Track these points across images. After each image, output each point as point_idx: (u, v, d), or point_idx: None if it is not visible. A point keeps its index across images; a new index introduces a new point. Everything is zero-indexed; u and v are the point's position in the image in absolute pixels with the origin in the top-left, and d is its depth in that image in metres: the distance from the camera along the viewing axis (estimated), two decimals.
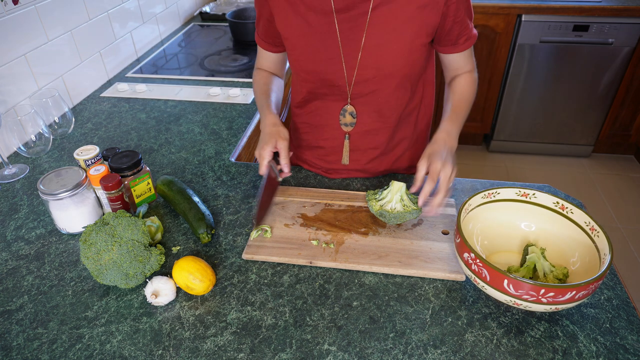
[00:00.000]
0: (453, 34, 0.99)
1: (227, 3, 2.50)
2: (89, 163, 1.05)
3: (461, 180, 1.14)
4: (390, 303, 0.83)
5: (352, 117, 1.08)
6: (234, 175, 1.18)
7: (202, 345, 0.77)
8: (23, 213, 1.08)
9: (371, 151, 1.14)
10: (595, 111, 2.73)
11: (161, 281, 0.83)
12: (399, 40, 0.96)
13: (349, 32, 0.97)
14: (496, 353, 0.75)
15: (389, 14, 0.94)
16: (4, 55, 1.28)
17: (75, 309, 0.85)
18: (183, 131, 1.39)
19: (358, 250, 0.93)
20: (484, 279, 0.76)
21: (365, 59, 0.99)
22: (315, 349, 0.76)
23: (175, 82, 1.71)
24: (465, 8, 0.97)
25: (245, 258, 0.93)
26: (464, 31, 0.99)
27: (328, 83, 1.04)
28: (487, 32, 2.56)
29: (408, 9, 0.93)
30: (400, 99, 1.06)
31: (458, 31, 0.99)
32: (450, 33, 0.99)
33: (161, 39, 2.12)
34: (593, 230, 0.82)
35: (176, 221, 1.03)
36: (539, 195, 0.90)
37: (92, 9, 1.62)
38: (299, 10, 0.97)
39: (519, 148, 2.98)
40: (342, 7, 0.94)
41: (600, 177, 2.81)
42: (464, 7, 0.96)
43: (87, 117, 1.50)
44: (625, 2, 2.42)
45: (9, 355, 0.77)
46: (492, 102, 2.81)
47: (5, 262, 0.95)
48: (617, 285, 0.86)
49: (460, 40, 1.01)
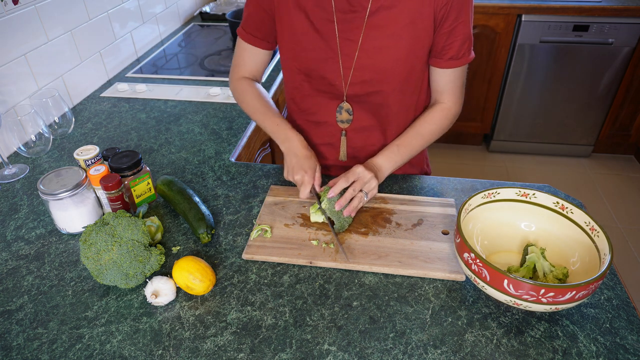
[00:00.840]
0: (438, 43, 0.98)
1: (227, 3, 2.50)
2: (89, 163, 1.05)
3: (461, 180, 1.14)
4: (390, 303, 0.83)
5: (348, 114, 1.08)
6: (234, 175, 1.18)
7: (202, 345, 0.77)
8: (23, 213, 1.08)
9: (369, 147, 1.14)
10: (595, 111, 2.73)
11: (161, 281, 0.83)
12: (397, 45, 0.96)
13: (347, 33, 0.97)
14: (496, 353, 0.75)
15: (387, 19, 0.94)
16: (4, 55, 1.28)
17: (75, 309, 0.85)
18: (183, 131, 1.39)
19: (358, 250, 0.93)
20: (484, 279, 0.76)
21: (362, 61, 0.99)
22: (315, 349, 0.76)
23: (175, 82, 1.72)
24: (458, 24, 0.95)
25: (245, 258, 0.93)
26: (450, 46, 0.98)
27: (325, 81, 1.05)
28: (487, 32, 2.56)
29: (407, 14, 0.94)
30: (397, 102, 1.06)
31: (443, 43, 0.98)
32: (436, 42, 0.98)
33: (161, 39, 2.12)
34: (593, 230, 0.82)
35: (176, 221, 1.03)
36: (539, 195, 0.90)
37: (92, 9, 1.62)
38: (302, 6, 0.98)
39: (519, 148, 2.98)
40: (342, 7, 0.95)
41: (600, 177, 2.81)
42: (456, 21, 0.95)
43: (87, 117, 1.50)
44: (625, 2, 2.42)
45: (9, 355, 0.77)
46: (492, 102, 2.81)
47: (5, 262, 0.95)
48: (617, 285, 0.86)
49: (444, 54, 0.99)
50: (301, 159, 1.00)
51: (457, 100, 1.07)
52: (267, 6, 1.03)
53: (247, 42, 1.10)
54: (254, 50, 1.11)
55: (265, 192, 1.11)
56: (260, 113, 1.10)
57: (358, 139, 1.13)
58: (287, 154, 1.03)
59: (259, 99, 1.11)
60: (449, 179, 1.14)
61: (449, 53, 0.99)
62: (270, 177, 1.16)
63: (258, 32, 1.08)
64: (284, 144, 1.05)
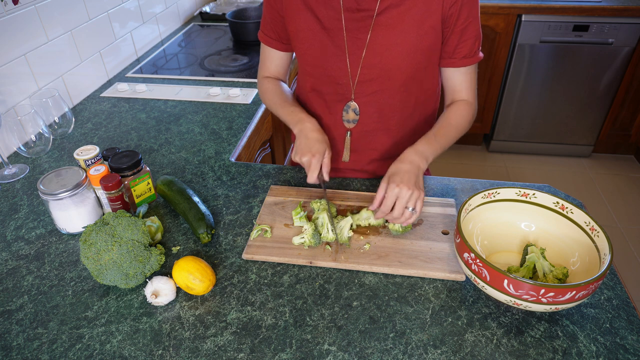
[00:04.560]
0: (451, 44, 0.99)
1: (227, 3, 2.50)
2: (89, 163, 1.05)
3: (461, 180, 1.14)
4: (390, 303, 0.83)
5: (355, 114, 1.08)
6: (234, 175, 1.18)
7: (202, 345, 0.77)
8: (23, 213, 1.08)
9: (371, 152, 1.14)
10: (595, 111, 2.73)
11: (161, 281, 0.83)
12: (404, 43, 0.96)
13: (355, 31, 0.97)
14: (496, 353, 0.75)
15: (396, 17, 0.94)
16: (4, 55, 1.28)
17: (75, 309, 0.85)
18: (183, 131, 1.39)
19: (358, 250, 0.93)
20: (484, 279, 0.76)
21: (369, 59, 0.99)
22: (315, 349, 0.76)
23: (175, 82, 1.71)
24: (469, 22, 0.96)
25: (245, 258, 0.93)
26: (463, 45, 0.98)
27: (332, 80, 1.05)
28: (487, 32, 2.56)
29: (414, 12, 0.94)
30: (403, 102, 1.06)
31: (456, 42, 0.98)
32: (448, 42, 0.99)
33: (161, 39, 2.12)
34: (593, 230, 0.82)
35: (176, 221, 1.03)
36: (539, 195, 0.90)
37: (92, 9, 1.62)
38: (309, 5, 0.98)
39: (519, 148, 2.98)
40: (350, 6, 0.95)
41: (600, 177, 2.81)
42: (467, 20, 0.95)
43: (87, 117, 1.50)
44: (625, 2, 2.42)
45: (9, 355, 0.77)
46: (492, 102, 2.81)
47: (5, 262, 0.95)
48: (617, 285, 0.86)
49: (457, 53, 1.00)
50: (311, 141, 0.97)
51: (475, 95, 1.08)
52: (278, 6, 1.03)
53: (263, 42, 1.13)
54: (271, 51, 1.13)
55: (265, 192, 1.11)
56: (277, 105, 1.10)
57: (362, 139, 1.13)
58: (299, 136, 1.00)
59: (277, 94, 1.12)
60: (449, 179, 1.14)
61: (462, 52, 0.99)
62: (270, 177, 1.16)
63: (272, 33, 1.09)
64: (297, 126, 1.02)
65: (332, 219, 0.95)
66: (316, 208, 1.00)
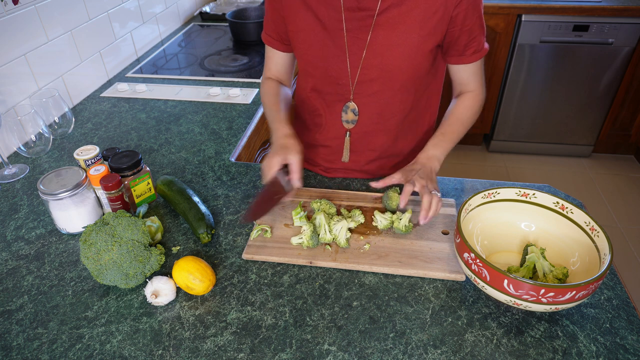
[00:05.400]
0: (460, 43, 0.99)
1: (227, 3, 2.50)
2: (89, 163, 1.05)
3: (461, 180, 1.14)
4: (390, 303, 0.83)
5: (354, 115, 1.08)
6: (234, 175, 1.18)
7: (202, 345, 0.77)
8: (23, 213, 1.08)
9: (370, 152, 1.14)
10: (595, 111, 2.73)
11: (161, 281, 0.83)
12: (405, 44, 0.96)
13: (356, 31, 0.97)
14: (496, 353, 0.75)
15: (397, 17, 0.94)
16: (4, 55, 1.28)
17: (75, 309, 0.85)
18: (183, 131, 1.39)
19: (358, 250, 0.93)
20: (484, 279, 0.76)
21: (370, 59, 0.99)
22: (315, 349, 0.76)
23: (175, 82, 1.71)
24: (475, 18, 0.96)
25: (245, 258, 0.93)
26: (472, 42, 0.99)
27: (332, 80, 1.04)
28: (487, 32, 2.55)
29: (416, 13, 0.93)
30: (403, 103, 1.06)
31: (466, 41, 0.98)
32: (458, 42, 0.98)
33: (161, 39, 2.12)
34: (593, 230, 0.82)
35: (176, 221, 1.03)
36: (539, 195, 0.90)
37: (92, 9, 1.62)
38: (309, 4, 0.98)
39: (519, 148, 2.98)
40: (351, 6, 0.95)
41: (600, 177, 2.81)
42: (473, 17, 0.96)
43: (87, 117, 1.50)
44: (625, 2, 2.42)
45: (9, 355, 0.77)
46: (492, 102, 2.81)
47: (5, 262, 0.95)
48: (617, 285, 0.86)
49: (467, 51, 1.00)
50: (276, 147, 0.99)
51: (483, 85, 1.08)
52: (278, 5, 1.03)
53: (265, 43, 1.13)
54: (273, 52, 1.13)
55: None
56: (266, 108, 1.11)
57: (361, 139, 1.12)
58: (272, 143, 1.03)
59: (270, 96, 1.12)
60: (449, 179, 1.14)
61: (472, 48, 1.00)
62: None
63: (273, 33, 1.09)
64: (273, 136, 1.05)
65: (329, 220, 0.95)
66: (316, 208, 1.00)
